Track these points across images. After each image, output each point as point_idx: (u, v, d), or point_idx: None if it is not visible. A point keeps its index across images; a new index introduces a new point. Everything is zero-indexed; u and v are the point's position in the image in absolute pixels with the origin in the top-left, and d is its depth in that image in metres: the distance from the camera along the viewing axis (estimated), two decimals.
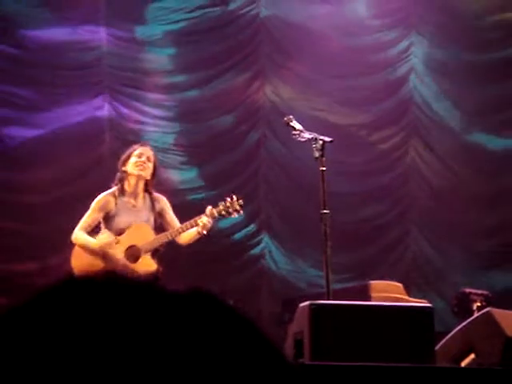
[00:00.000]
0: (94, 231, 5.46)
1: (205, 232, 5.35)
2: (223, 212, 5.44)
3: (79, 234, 5.45)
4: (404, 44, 8.53)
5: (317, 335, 3.93)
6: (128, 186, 5.53)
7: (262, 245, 8.15)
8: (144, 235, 5.42)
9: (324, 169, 5.12)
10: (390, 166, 8.40)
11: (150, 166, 5.53)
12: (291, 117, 5.33)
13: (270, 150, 8.22)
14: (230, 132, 8.17)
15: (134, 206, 5.50)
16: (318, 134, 5.17)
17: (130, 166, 5.51)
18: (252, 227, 8.13)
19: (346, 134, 8.01)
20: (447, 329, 5.06)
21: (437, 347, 4.22)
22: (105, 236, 5.40)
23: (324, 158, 5.12)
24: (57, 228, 7.11)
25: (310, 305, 4.14)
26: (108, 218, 5.48)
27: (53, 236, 7.13)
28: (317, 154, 5.14)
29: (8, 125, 7.63)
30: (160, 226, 5.49)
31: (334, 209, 5.12)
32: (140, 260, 5.39)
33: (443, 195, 8.38)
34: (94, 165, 7.69)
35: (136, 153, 5.53)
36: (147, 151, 5.59)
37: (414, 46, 8.51)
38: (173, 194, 6.58)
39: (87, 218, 5.49)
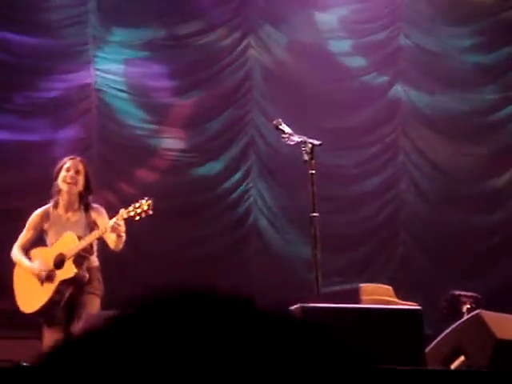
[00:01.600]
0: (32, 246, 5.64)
1: (122, 234, 5.36)
2: (132, 213, 5.47)
3: (16, 253, 5.65)
4: (395, 44, 8.53)
5: None
6: (62, 199, 5.61)
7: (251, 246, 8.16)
8: (70, 243, 5.51)
9: (313, 172, 5.12)
10: (380, 168, 8.41)
11: (81, 178, 5.58)
12: (280, 120, 5.33)
13: (258, 154, 8.23)
14: (221, 136, 8.16)
15: (67, 220, 5.60)
16: (307, 137, 5.17)
17: (60, 180, 5.58)
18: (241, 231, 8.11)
19: (335, 136, 8.01)
20: (436, 332, 5.07)
21: (427, 350, 4.23)
22: (36, 263, 5.55)
23: (313, 161, 5.13)
24: None
25: (301, 307, 4.14)
26: (43, 234, 5.63)
27: None
28: (306, 157, 5.14)
29: None
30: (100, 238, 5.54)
31: (322, 212, 5.13)
32: (63, 267, 5.50)
33: (432, 197, 8.40)
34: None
35: (65, 166, 5.60)
36: (76, 164, 5.62)
37: (402, 49, 8.52)
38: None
39: (23, 237, 5.68)
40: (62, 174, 5.59)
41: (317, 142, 5.14)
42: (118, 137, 7.98)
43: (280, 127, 5.29)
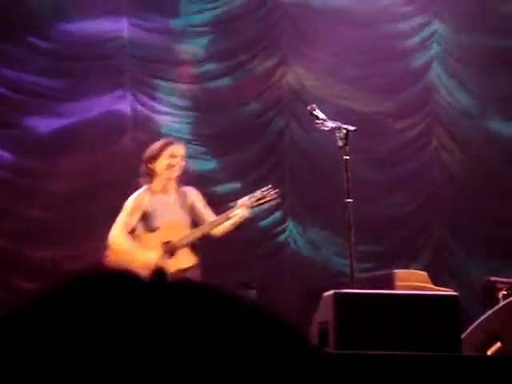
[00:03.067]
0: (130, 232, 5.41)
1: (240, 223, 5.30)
2: (260, 201, 5.37)
3: (124, 240, 5.32)
4: (427, 31, 8.46)
5: (341, 324, 3.93)
6: (158, 184, 5.45)
7: (286, 233, 8.14)
8: (178, 231, 5.35)
9: (348, 158, 5.11)
10: (413, 155, 8.36)
11: (183, 164, 5.46)
12: (314, 105, 5.32)
13: (293, 139, 8.20)
14: (254, 121, 8.15)
15: (165, 203, 5.43)
16: (342, 122, 5.16)
17: (161, 167, 5.41)
18: (277, 215, 8.11)
19: (369, 121, 7.96)
20: (472, 318, 5.04)
21: (462, 336, 4.21)
22: (152, 256, 5.28)
23: (347, 147, 5.11)
24: (82, 216, 7.20)
25: (335, 294, 4.14)
26: (143, 217, 5.40)
27: (78, 224, 7.23)
28: (340, 143, 5.13)
29: (33, 114, 7.68)
30: (193, 220, 5.45)
31: (356, 198, 5.11)
32: (176, 256, 5.33)
33: (465, 185, 8.33)
34: (116, 156, 7.70)
35: (166, 153, 5.41)
36: (179, 150, 5.47)
37: (437, 33, 8.44)
38: (194, 185, 6.56)
39: (125, 219, 5.38)
40: (164, 160, 5.40)
41: (351, 128, 5.13)
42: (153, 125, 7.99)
43: (314, 113, 5.28)
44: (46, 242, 7.44)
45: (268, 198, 5.41)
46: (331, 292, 4.31)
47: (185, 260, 5.33)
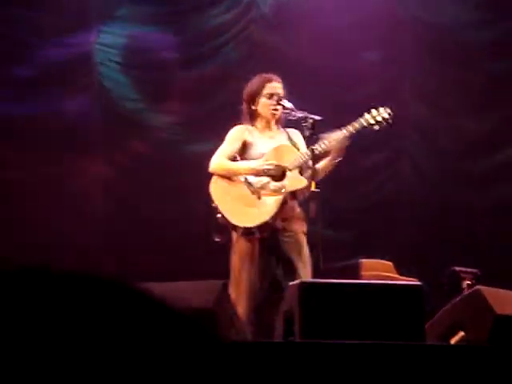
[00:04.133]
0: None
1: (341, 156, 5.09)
2: (371, 121, 5.18)
3: (222, 161, 5.19)
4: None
5: (306, 314, 3.95)
6: (259, 122, 5.33)
7: None
8: (286, 154, 5.22)
9: (314, 147, 5.12)
10: (379, 146, 8.38)
11: (282, 103, 5.25)
12: (281, 96, 5.32)
13: None
14: (219, 113, 8.12)
15: (270, 137, 5.31)
16: (309, 112, 5.17)
17: (261, 107, 5.28)
18: None
19: (339, 111, 7.97)
20: (436, 308, 5.08)
21: (426, 325, 4.24)
22: (253, 162, 5.17)
23: (315, 137, 5.13)
24: None
25: (300, 283, 4.16)
26: (245, 148, 5.27)
27: None
28: (307, 133, 5.15)
29: None
30: None
31: (323, 187, 5.13)
32: (288, 177, 5.18)
33: (430, 176, 8.38)
34: None
35: (265, 92, 5.26)
36: (277, 88, 5.29)
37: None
38: None
39: (226, 148, 5.24)
40: (264, 100, 5.26)
41: (318, 118, 5.14)
42: (117, 110, 7.94)
43: (281, 102, 5.28)
44: None
45: (380, 118, 5.20)
46: (297, 281, 4.33)
47: (295, 182, 5.18)
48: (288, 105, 5.26)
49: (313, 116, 5.13)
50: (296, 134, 5.36)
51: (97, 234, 7.69)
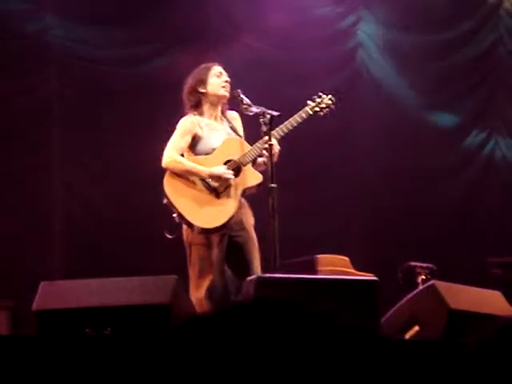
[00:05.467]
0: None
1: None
2: (316, 109, 5.24)
3: (176, 158, 5.14)
4: (351, 19, 8.52)
5: None
6: (207, 108, 5.28)
7: None
8: (236, 148, 5.20)
9: (272, 143, 5.13)
10: (339, 141, 8.41)
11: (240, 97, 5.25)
12: (239, 90, 5.32)
13: None
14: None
15: (214, 128, 5.27)
16: (267, 107, 5.17)
17: (212, 87, 5.24)
18: None
19: (294, 108, 7.97)
20: (392, 302, 5.12)
21: (382, 320, 4.27)
22: (219, 167, 5.15)
23: (272, 132, 5.13)
24: None
25: (257, 278, 4.16)
26: (195, 141, 5.22)
27: None
28: (265, 128, 5.15)
29: None
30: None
31: (280, 183, 5.13)
32: (242, 174, 5.17)
33: (389, 171, 8.43)
34: None
35: (214, 72, 5.27)
36: (223, 70, 5.31)
37: (362, 20, 8.51)
38: None
39: (178, 142, 5.19)
40: (215, 80, 5.24)
41: (275, 113, 5.14)
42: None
43: (239, 98, 5.28)
44: None
45: (324, 105, 5.27)
46: (253, 276, 4.33)
47: (251, 177, 5.18)
48: (246, 100, 5.26)
49: (270, 111, 5.14)
50: (235, 119, 5.37)
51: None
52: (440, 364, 3.57)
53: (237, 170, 5.20)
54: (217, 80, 5.27)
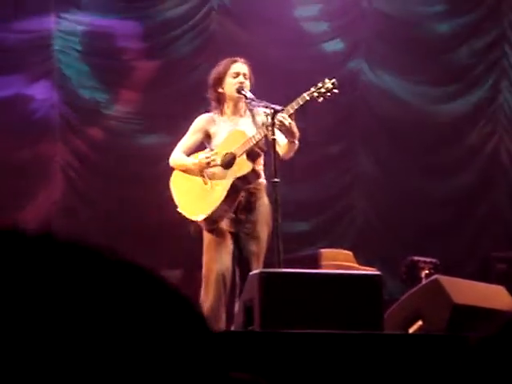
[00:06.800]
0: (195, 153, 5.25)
1: (294, 131, 5.04)
2: (315, 94, 5.16)
3: (176, 156, 5.23)
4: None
5: (266, 303, 3.95)
6: (227, 107, 5.27)
7: None
8: (237, 140, 5.18)
9: (274, 137, 5.12)
10: (340, 136, 8.41)
11: (248, 83, 5.22)
12: (243, 83, 5.31)
13: None
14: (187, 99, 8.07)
15: (235, 123, 5.25)
16: (270, 102, 5.17)
17: (227, 87, 5.21)
18: None
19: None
20: (396, 297, 5.12)
21: (385, 314, 4.27)
22: (201, 155, 5.19)
23: (275, 127, 5.13)
24: None
25: (260, 273, 4.16)
26: (209, 138, 5.24)
27: None
28: (268, 123, 5.14)
29: None
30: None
31: (283, 178, 5.13)
32: (235, 165, 5.15)
33: (391, 165, 8.43)
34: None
35: (231, 71, 5.21)
36: (242, 68, 5.26)
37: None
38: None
39: (185, 141, 5.26)
40: (230, 80, 5.20)
41: (279, 108, 5.14)
42: (77, 98, 7.87)
43: (242, 92, 5.27)
44: None
45: (324, 90, 5.20)
46: (257, 271, 4.34)
47: (242, 167, 5.16)
48: (249, 95, 5.25)
49: (273, 106, 5.13)
50: (259, 115, 5.32)
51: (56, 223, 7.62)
52: (444, 358, 3.58)
53: (231, 160, 5.19)
54: (232, 80, 5.24)
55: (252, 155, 5.20)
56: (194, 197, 5.21)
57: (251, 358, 3.48)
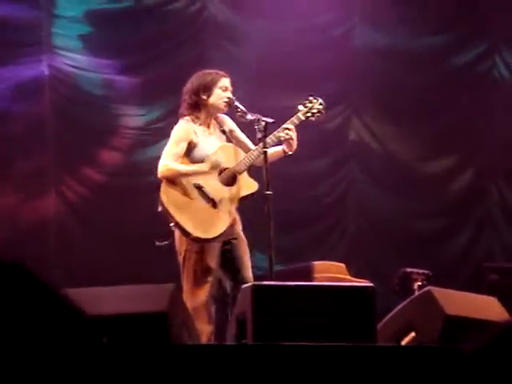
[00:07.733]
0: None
1: (292, 147, 5.15)
2: (308, 114, 5.24)
3: (173, 165, 5.12)
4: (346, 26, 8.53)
5: (259, 316, 3.95)
6: (202, 114, 5.26)
7: None
8: (231, 155, 5.20)
9: (266, 150, 5.14)
10: (332, 147, 8.42)
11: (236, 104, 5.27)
12: (234, 98, 5.32)
13: None
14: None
15: (209, 134, 5.26)
16: (261, 115, 5.18)
17: (215, 98, 5.23)
18: None
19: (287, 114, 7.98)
20: (388, 309, 5.12)
21: (378, 326, 4.27)
22: (207, 162, 5.16)
23: (267, 139, 5.14)
24: None
25: (253, 286, 4.16)
26: (191, 147, 5.20)
27: None
28: (259, 135, 5.16)
29: None
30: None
31: (275, 190, 5.13)
32: (238, 182, 5.15)
33: (383, 177, 8.45)
34: None
35: (221, 85, 5.25)
36: (230, 86, 5.30)
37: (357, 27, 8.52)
38: None
39: (173, 150, 5.16)
40: (218, 92, 5.23)
41: (270, 120, 5.16)
42: (74, 114, 7.85)
43: (235, 104, 5.28)
44: None
45: (315, 110, 5.28)
46: (250, 284, 4.33)
47: (247, 186, 5.16)
48: (241, 107, 5.27)
49: (265, 118, 5.15)
50: (227, 122, 5.35)
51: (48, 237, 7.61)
52: (436, 370, 3.57)
53: (233, 178, 5.19)
54: (221, 93, 5.26)
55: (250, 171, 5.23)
56: (196, 212, 5.12)
57: (244, 371, 3.48)
